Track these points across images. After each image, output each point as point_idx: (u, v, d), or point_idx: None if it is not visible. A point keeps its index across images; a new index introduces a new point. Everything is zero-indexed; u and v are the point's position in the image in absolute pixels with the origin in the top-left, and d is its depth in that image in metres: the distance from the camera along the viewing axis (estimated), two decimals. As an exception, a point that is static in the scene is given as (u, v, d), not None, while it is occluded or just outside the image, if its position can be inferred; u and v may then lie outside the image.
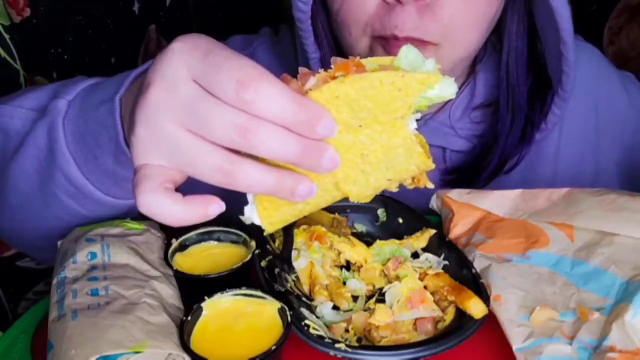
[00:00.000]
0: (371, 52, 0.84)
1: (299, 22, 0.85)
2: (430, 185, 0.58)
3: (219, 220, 0.74)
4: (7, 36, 1.04)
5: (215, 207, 0.50)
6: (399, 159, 0.54)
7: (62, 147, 0.70)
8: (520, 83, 0.91)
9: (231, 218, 0.76)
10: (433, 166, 0.56)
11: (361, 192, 0.56)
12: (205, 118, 0.48)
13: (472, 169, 0.95)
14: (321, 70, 0.52)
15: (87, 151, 0.70)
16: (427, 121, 0.96)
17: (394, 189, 0.57)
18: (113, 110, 0.66)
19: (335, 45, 0.91)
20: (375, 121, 0.52)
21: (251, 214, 0.56)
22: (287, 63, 1.00)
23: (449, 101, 0.96)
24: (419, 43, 0.79)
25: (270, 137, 0.48)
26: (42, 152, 0.72)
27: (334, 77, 0.51)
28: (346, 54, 0.90)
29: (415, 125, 0.54)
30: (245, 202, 0.56)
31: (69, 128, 0.71)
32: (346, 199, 0.80)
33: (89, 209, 0.74)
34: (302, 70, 0.52)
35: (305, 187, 0.51)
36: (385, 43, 0.81)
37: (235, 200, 0.58)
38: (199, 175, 0.50)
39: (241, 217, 0.56)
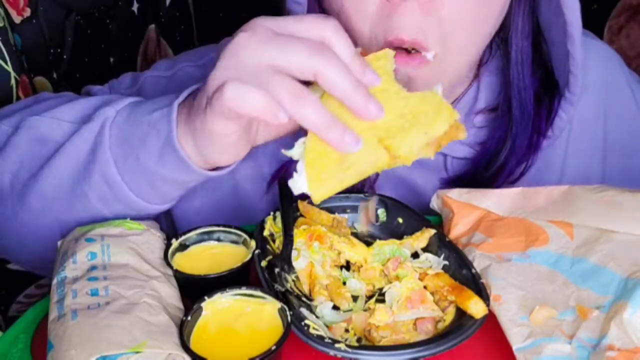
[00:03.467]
0: None
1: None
2: (464, 135, 0.63)
3: (218, 221, 0.75)
4: (-2, 39, 1.04)
5: (284, 114, 0.60)
6: (430, 117, 0.62)
7: (105, 148, 0.73)
8: (526, 86, 0.87)
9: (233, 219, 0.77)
10: (458, 115, 0.62)
11: (399, 146, 0.62)
12: (282, 45, 0.61)
13: (475, 178, 0.91)
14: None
15: (130, 152, 0.72)
16: None
17: (430, 153, 0.64)
18: (170, 112, 0.70)
19: None
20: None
21: (299, 179, 0.63)
22: None
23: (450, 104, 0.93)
24: (419, 51, 0.76)
25: (334, 63, 0.60)
26: (84, 155, 0.74)
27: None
28: None
29: (440, 90, 0.64)
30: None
31: (115, 131, 0.73)
32: (346, 200, 0.81)
33: (115, 212, 0.75)
34: None
35: (353, 136, 0.61)
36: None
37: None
38: (271, 92, 0.60)
39: (289, 183, 0.63)
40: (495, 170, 0.90)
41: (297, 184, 0.62)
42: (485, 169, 0.91)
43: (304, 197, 0.82)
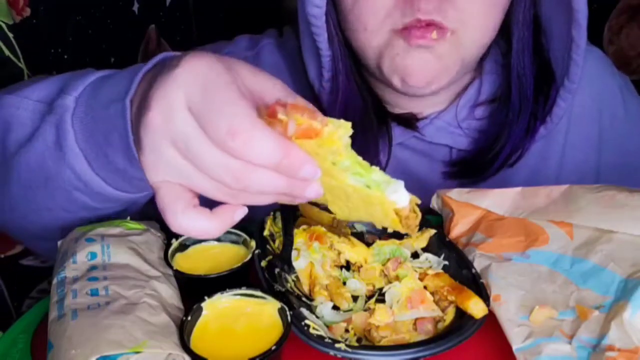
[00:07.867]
0: (389, 48, 0.84)
1: (313, 19, 0.83)
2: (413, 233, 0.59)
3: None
4: (10, 35, 1.04)
5: (240, 212, 0.55)
6: (377, 214, 0.57)
7: (72, 144, 0.70)
8: (526, 74, 0.91)
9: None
10: (404, 229, 0.57)
11: (345, 218, 0.61)
12: (199, 156, 0.52)
13: (476, 161, 0.96)
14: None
15: (98, 149, 0.70)
16: (433, 120, 0.96)
17: (378, 226, 0.60)
18: (124, 111, 0.65)
19: (345, 46, 0.91)
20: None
21: None
22: (293, 64, 1.00)
23: (455, 99, 0.97)
24: (438, 31, 0.80)
25: (259, 179, 0.52)
26: (50, 149, 0.72)
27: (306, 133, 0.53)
28: (357, 54, 0.90)
29: (404, 192, 0.55)
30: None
31: (78, 125, 0.71)
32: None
33: (99, 200, 0.74)
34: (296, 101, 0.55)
35: (314, 188, 0.55)
36: (407, 34, 0.81)
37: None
38: (205, 194, 0.55)
39: None
40: (493, 154, 0.94)
41: None
42: (484, 154, 0.95)
43: None
